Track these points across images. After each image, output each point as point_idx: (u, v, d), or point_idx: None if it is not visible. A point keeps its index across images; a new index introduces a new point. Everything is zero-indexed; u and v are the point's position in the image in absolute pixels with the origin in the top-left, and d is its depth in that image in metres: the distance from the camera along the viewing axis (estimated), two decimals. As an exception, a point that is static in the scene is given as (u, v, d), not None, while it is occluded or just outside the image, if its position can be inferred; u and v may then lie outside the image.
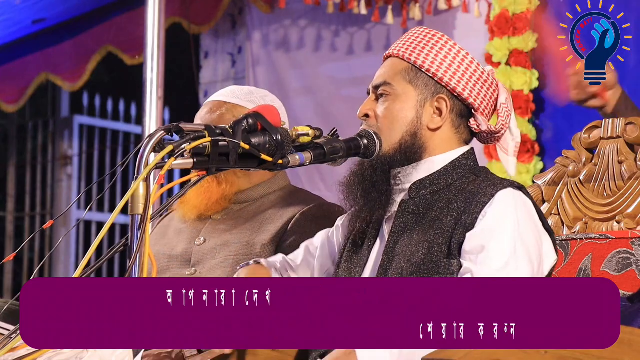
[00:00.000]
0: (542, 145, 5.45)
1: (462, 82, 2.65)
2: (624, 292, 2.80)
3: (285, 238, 3.26)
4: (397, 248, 2.60)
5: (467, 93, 2.65)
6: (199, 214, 3.35)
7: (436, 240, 2.55)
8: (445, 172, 2.64)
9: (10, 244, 8.96)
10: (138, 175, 2.26)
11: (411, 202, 2.63)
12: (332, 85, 6.36)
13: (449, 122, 2.66)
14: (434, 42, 2.67)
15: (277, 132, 2.47)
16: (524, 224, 2.52)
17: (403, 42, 2.70)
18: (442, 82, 2.65)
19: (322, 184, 6.12)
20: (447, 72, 2.65)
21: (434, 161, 2.65)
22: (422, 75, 2.66)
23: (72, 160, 8.87)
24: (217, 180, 3.31)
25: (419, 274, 2.52)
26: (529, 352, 2.08)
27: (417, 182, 2.64)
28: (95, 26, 7.30)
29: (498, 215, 2.52)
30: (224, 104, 3.33)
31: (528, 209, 2.57)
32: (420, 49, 2.67)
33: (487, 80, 2.68)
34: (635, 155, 2.95)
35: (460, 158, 2.66)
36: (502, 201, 2.54)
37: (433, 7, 5.86)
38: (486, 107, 2.67)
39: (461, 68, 2.65)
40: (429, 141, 2.65)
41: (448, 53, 2.66)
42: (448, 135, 2.67)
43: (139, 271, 2.23)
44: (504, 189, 2.56)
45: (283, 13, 6.58)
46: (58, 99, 9.04)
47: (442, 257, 2.53)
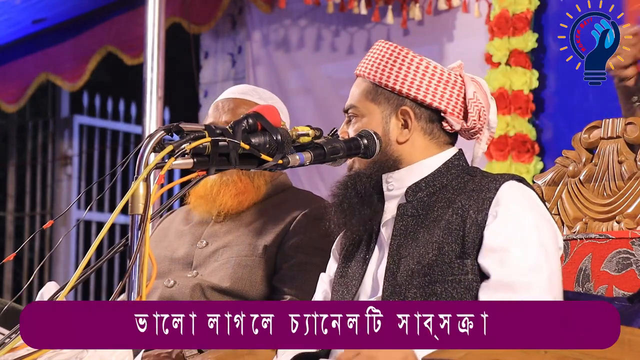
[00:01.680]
0: (542, 145, 5.45)
1: (422, 89, 2.65)
2: (624, 292, 2.80)
3: (288, 239, 3.26)
4: (402, 250, 2.60)
5: (430, 98, 2.65)
6: (231, 212, 3.33)
7: (445, 240, 2.55)
8: (439, 174, 2.65)
9: (10, 244, 8.96)
10: (138, 175, 2.26)
11: (409, 205, 2.64)
12: (331, 85, 6.37)
13: (419, 131, 2.67)
14: (388, 55, 2.68)
15: (277, 132, 2.47)
16: (539, 220, 2.56)
17: (365, 60, 2.74)
18: (402, 94, 2.66)
19: (322, 184, 6.12)
20: (405, 82, 2.66)
21: (425, 164, 2.66)
22: (382, 91, 2.68)
23: (72, 160, 8.87)
24: (252, 183, 3.31)
25: (432, 276, 2.53)
26: (529, 352, 2.08)
27: (413, 185, 2.65)
28: (95, 26, 7.30)
29: (512, 213, 2.54)
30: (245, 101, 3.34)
31: (535, 200, 2.60)
32: (376, 66, 2.69)
33: (449, 80, 2.67)
34: (635, 155, 2.94)
35: (453, 159, 2.67)
36: (511, 196, 2.56)
37: (433, 7, 5.86)
38: (455, 106, 2.66)
39: (418, 75, 2.65)
40: (402, 153, 2.67)
41: (402, 64, 2.66)
42: (422, 143, 2.68)
43: (139, 271, 2.23)
44: (505, 182, 2.58)
45: (283, 13, 6.58)
46: (58, 99, 9.04)
47: (455, 258, 2.53)
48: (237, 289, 3.22)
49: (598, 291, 2.85)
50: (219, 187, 3.28)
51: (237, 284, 3.22)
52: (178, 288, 3.25)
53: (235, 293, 3.21)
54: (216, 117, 3.33)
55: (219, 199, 3.30)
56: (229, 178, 3.29)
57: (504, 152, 5.40)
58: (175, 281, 3.26)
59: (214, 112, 3.35)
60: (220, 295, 3.21)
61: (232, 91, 3.42)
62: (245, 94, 3.37)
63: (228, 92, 3.42)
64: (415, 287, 2.54)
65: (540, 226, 2.55)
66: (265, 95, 3.40)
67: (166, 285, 3.26)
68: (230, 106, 3.34)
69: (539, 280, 2.47)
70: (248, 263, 3.24)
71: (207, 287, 3.22)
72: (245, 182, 3.31)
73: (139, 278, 2.24)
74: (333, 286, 2.76)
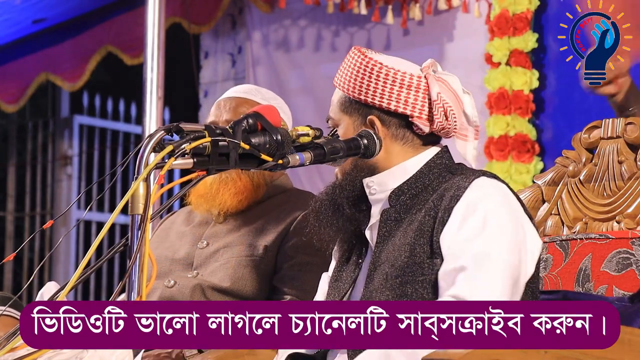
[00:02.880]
0: (542, 145, 5.45)
1: (385, 96, 2.63)
2: (624, 292, 2.80)
3: (288, 239, 3.26)
4: (382, 256, 2.60)
5: (394, 105, 2.63)
6: (230, 212, 3.33)
7: (417, 241, 2.54)
8: (421, 175, 2.64)
9: (10, 244, 8.96)
10: (138, 175, 2.26)
11: (392, 210, 2.63)
12: (331, 85, 6.35)
13: (390, 138, 2.65)
14: (356, 66, 2.66)
15: (277, 132, 2.47)
16: (501, 210, 2.52)
17: (339, 71, 2.73)
18: (367, 103, 2.65)
19: (322, 184, 6.09)
20: (368, 91, 2.64)
21: (407, 166, 2.65)
22: (352, 102, 2.68)
23: (72, 160, 8.88)
24: (251, 181, 3.31)
25: (403, 277, 2.52)
26: (529, 352, 2.08)
27: (396, 189, 2.64)
28: (95, 26, 7.30)
29: (472, 205, 2.51)
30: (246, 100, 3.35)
31: (504, 193, 2.56)
32: (346, 77, 2.68)
33: (411, 84, 2.63)
34: (635, 155, 2.94)
35: (435, 158, 2.66)
36: (475, 190, 2.53)
37: (433, 7, 5.86)
38: (422, 109, 2.63)
39: (380, 83, 2.63)
40: (377, 161, 2.66)
41: (365, 73, 2.64)
42: (396, 149, 2.66)
43: (139, 271, 2.23)
44: (476, 179, 2.55)
45: (283, 13, 6.58)
46: (58, 99, 9.04)
47: (426, 258, 2.52)
48: (237, 289, 3.22)
49: (598, 291, 2.85)
50: (219, 185, 3.28)
51: (237, 284, 3.22)
52: (178, 288, 3.25)
53: (235, 293, 3.22)
54: (217, 116, 3.34)
55: (219, 198, 3.30)
56: (228, 176, 3.30)
57: (504, 152, 5.40)
58: (175, 281, 3.26)
59: (216, 111, 3.36)
60: (220, 295, 3.22)
61: (235, 90, 3.43)
62: (248, 94, 3.38)
63: (231, 91, 3.43)
64: (388, 290, 2.53)
65: (502, 222, 2.50)
66: (268, 95, 3.40)
67: (166, 285, 3.26)
68: (232, 105, 3.35)
69: (487, 269, 2.44)
70: (248, 263, 3.24)
71: (207, 287, 3.22)
72: (245, 180, 3.31)
73: (139, 278, 2.24)
74: (327, 289, 2.76)
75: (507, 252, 2.48)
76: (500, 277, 2.45)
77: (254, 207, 3.34)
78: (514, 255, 2.49)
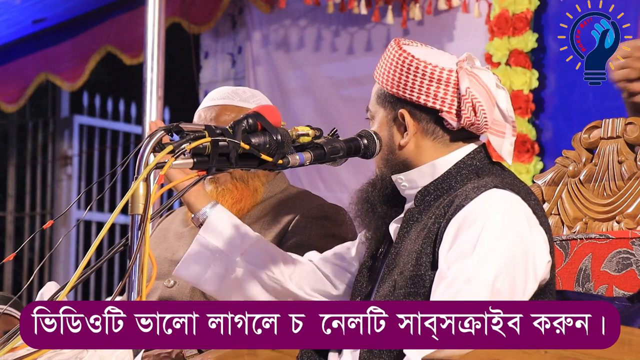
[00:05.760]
0: (542, 145, 5.45)
1: (415, 90, 2.60)
2: (624, 292, 2.80)
3: (287, 239, 3.26)
4: (397, 258, 2.58)
5: (424, 99, 2.59)
6: None
7: (424, 250, 2.51)
8: (448, 176, 2.59)
9: (10, 244, 8.96)
10: (138, 175, 2.26)
11: (415, 210, 2.60)
12: (331, 86, 6.37)
13: (421, 133, 2.62)
14: (390, 59, 2.64)
15: (277, 132, 2.47)
16: (497, 229, 2.43)
17: (378, 63, 2.71)
18: (399, 96, 2.63)
19: (322, 184, 6.12)
20: (400, 84, 2.61)
21: (437, 165, 2.61)
22: (386, 94, 2.66)
23: (72, 160, 8.88)
24: (247, 187, 3.31)
25: (407, 289, 2.50)
26: (529, 352, 2.08)
27: (422, 189, 2.60)
28: (95, 26, 7.31)
29: (469, 219, 2.44)
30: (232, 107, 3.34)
31: (512, 207, 2.48)
32: (380, 69, 2.67)
33: (441, 78, 2.59)
34: (635, 155, 2.94)
35: (466, 159, 2.61)
36: (479, 203, 2.46)
37: (433, 7, 5.86)
38: (451, 104, 2.59)
39: (410, 75, 2.60)
40: (408, 157, 2.64)
41: (397, 65, 2.62)
42: (427, 144, 2.63)
43: (139, 271, 2.23)
44: (487, 191, 2.48)
45: (283, 13, 6.58)
46: (58, 99, 9.04)
47: (429, 269, 2.48)
48: (237, 289, 3.22)
49: (598, 291, 2.84)
50: (216, 198, 3.27)
51: (237, 284, 3.22)
52: (178, 288, 3.25)
53: (235, 293, 3.22)
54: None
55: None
56: (224, 188, 3.29)
57: (504, 152, 5.40)
58: (175, 281, 3.26)
59: (197, 121, 3.35)
60: (220, 295, 3.22)
61: (211, 98, 3.40)
62: (226, 99, 3.35)
63: (208, 100, 3.40)
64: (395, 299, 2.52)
65: (495, 243, 2.42)
66: (245, 96, 3.37)
67: (166, 285, 3.26)
68: (212, 115, 3.33)
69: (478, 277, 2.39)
70: (248, 263, 3.24)
71: (207, 287, 3.22)
72: (241, 188, 3.30)
73: (139, 278, 2.24)
74: (356, 276, 2.75)
75: (493, 276, 2.38)
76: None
77: (252, 209, 3.34)
78: (504, 281, 2.39)
